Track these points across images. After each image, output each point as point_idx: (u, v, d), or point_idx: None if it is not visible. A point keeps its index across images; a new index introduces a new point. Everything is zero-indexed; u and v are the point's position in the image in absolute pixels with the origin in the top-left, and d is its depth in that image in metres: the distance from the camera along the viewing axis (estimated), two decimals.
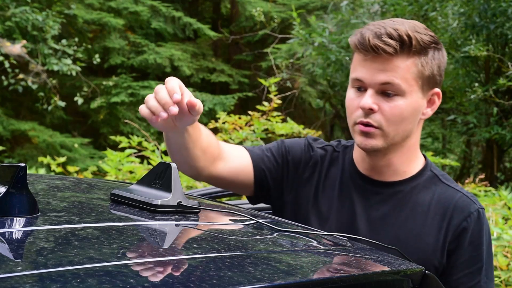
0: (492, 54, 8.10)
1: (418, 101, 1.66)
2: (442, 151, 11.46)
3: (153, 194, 1.26)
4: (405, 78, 1.61)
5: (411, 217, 1.70)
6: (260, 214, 1.55)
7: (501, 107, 8.47)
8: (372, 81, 1.62)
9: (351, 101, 1.67)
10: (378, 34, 1.59)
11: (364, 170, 1.75)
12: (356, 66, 1.66)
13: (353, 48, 1.66)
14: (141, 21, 12.62)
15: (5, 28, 9.50)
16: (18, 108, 11.56)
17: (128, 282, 0.81)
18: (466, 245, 1.67)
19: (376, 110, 1.62)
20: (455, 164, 6.30)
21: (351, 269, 1.17)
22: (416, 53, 1.61)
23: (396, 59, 1.60)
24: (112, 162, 4.67)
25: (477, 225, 1.68)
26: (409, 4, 8.52)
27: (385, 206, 1.72)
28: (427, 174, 1.75)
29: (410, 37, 1.60)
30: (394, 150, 1.69)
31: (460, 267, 1.67)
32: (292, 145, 1.81)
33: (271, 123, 5.30)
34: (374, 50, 1.59)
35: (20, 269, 0.82)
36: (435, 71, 1.66)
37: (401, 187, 1.73)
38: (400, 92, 1.62)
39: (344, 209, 1.74)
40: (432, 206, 1.70)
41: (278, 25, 12.10)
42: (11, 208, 1.03)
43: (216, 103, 11.59)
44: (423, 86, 1.65)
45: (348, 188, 1.75)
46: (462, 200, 1.70)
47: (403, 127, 1.65)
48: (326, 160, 1.80)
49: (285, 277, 0.98)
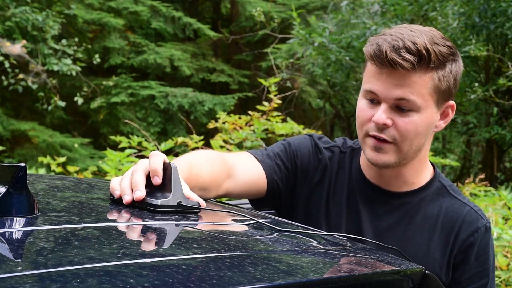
0: (492, 54, 8.10)
1: (432, 116, 1.61)
2: (442, 151, 11.45)
3: (153, 194, 1.26)
4: (421, 94, 1.56)
5: (418, 231, 1.67)
6: (260, 214, 1.55)
7: (501, 107, 8.47)
8: (387, 95, 1.56)
9: (363, 112, 1.62)
10: (396, 47, 1.52)
11: (372, 178, 1.72)
12: (370, 77, 1.59)
13: (368, 58, 1.59)
14: (141, 21, 12.63)
15: (5, 28, 9.50)
16: (18, 108, 11.56)
17: (128, 282, 0.81)
18: (472, 260, 1.65)
19: (390, 125, 1.57)
20: (455, 164, 6.30)
21: (351, 269, 1.16)
22: (434, 68, 1.55)
23: (414, 75, 1.54)
24: (112, 162, 4.67)
25: (483, 240, 1.66)
26: (409, 4, 8.51)
27: (392, 217, 1.69)
28: (436, 185, 1.72)
29: (429, 51, 1.53)
30: (403, 164, 1.65)
31: (466, 282, 1.66)
32: (299, 148, 1.76)
33: (271, 123, 5.30)
34: (392, 65, 1.52)
35: (20, 269, 0.82)
36: (451, 84, 1.61)
37: (409, 198, 1.70)
38: (415, 108, 1.56)
39: (351, 218, 1.70)
40: (439, 219, 1.67)
41: (278, 25, 12.11)
42: (11, 208, 1.03)
43: (216, 103, 11.59)
44: (438, 100, 1.59)
45: (355, 196, 1.72)
46: (470, 214, 1.67)
47: (416, 142, 1.61)
48: (335, 163, 1.76)
49: (285, 277, 0.98)
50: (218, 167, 1.58)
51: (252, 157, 1.71)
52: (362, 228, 1.68)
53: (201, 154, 1.63)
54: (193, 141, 5.09)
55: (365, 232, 1.67)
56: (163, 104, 11.58)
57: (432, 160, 5.05)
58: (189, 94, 11.72)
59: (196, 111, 11.57)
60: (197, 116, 11.52)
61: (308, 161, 1.75)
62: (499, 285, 3.36)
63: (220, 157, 1.64)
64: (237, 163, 1.66)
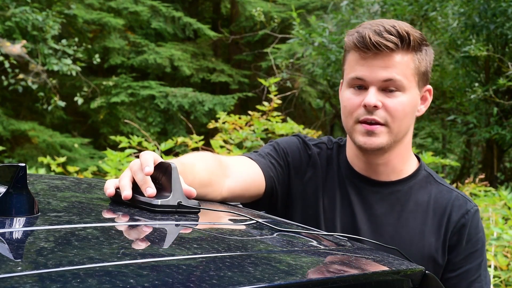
0: (492, 54, 8.10)
1: (416, 97, 1.68)
2: (442, 151, 11.46)
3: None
4: (405, 74, 1.63)
5: (411, 217, 1.71)
6: (260, 214, 1.55)
7: (501, 107, 8.47)
8: (374, 78, 1.62)
9: (351, 100, 1.66)
10: (378, 31, 1.61)
11: (361, 170, 1.75)
12: (354, 65, 1.65)
13: (350, 47, 1.66)
14: (141, 21, 12.63)
15: (5, 28, 9.50)
16: (18, 108, 11.56)
17: (128, 282, 0.81)
18: (465, 241, 1.70)
19: (380, 106, 1.62)
20: (455, 164, 6.30)
21: (351, 269, 1.16)
22: (413, 50, 1.64)
23: (396, 55, 1.62)
24: (112, 162, 4.67)
25: (474, 221, 1.72)
26: (409, 4, 8.51)
27: (384, 205, 1.72)
28: (422, 174, 1.77)
29: (409, 33, 1.62)
30: (393, 148, 1.70)
31: (461, 263, 1.70)
32: (288, 146, 1.79)
33: (271, 123, 5.30)
34: (376, 47, 1.59)
35: (20, 269, 0.82)
36: (428, 68, 1.70)
37: (399, 186, 1.74)
38: (401, 88, 1.63)
39: (345, 210, 1.73)
40: (430, 205, 1.72)
41: (278, 25, 12.11)
42: (11, 208, 1.03)
43: (216, 103, 11.59)
44: (419, 82, 1.67)
45: (346, 189, 1.75)
46: (458, 199, 1.73)
47: (405, 122, 1.67)
48: (323, 158, 1.80)
49: (285, 277, 0.98)
50: (212, 164, 1.59)
51: (246, 158, 1.74)
52: (357, 218, 1.71)
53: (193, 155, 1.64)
54: (193, 141, 5.09)
55: (360, 223, 1.71)
56: (163, 104, 11.59)
57: (432, 160, 5.03)
58: (189, 94, 11.73)
59: (196, 111, 11.58)
60: (197, 116, 11.52)
61: (299, 158, 1.78)
62: (499, 285, 3.37)
63: (214, 156, 1.66)
64: (232, 163, 1.67)
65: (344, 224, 1.71)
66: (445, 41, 8.87)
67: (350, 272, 1.13)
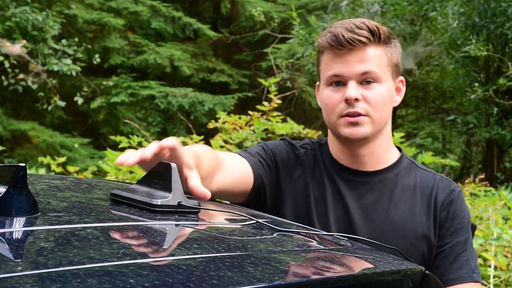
0: (492, 54, 8.10)
1: (391, 88, 1.77)
2: (442, 151, 11.46)
3: (153, 194, 1.26)
4: (380, 66, 1.72)
5: (401, 201, 1.79)
6: (260, 214, 1.55)
7: (501, 107, 8.48)
8: (352, 73, 1.70)
9: (331, 98, 1.74)
10: (350, 28, 1.70)
11: (347, 164, 1.82)
12: (331, 64, 1.73)
13: (324, 48, 1.74)
14: (141, 21, 12.63)
15: (5, 28, 9.50)
16: (18, 108, 11.56)
17: (128, 282, 0.81)
18: (452, 218, 1.79)
19: (361, 99, 1.70)
20: (455, 164, 6.30)
21: (351, 269, 1.16)
22: (384, 43, 1.73)
23: (369, 49, 1.71)
24: (112, 162, 4.67)
25: (459, 199, 1.81)
26: (409, 4, 8.52)
27: (374, 193, 1.79)
28: (405, 161, 1.86)
29: (378, 28, 1.72)
30: (376, 137, 1.78)
31: (449, 238, 1.78)
32: (276, 147, 1.86)
33: (271, 123, 5.29)
34: (350, 43, 1.68)
35: (20, 269, 0.82)
36: (399, 60, 1.80)
37: (386, 174, 1.81)
38: (378, 80, 1.72)
39: (336, 203, 1.79)
40: (417, 188, 1.81)
41: (278, 25, 12.11)
42: (11, 208, 1.03)
43: (216, 103, 11.59)
44: (392, 73, 1.77)
45: (335, 183, 1.81)
46: (442, 181, 1.83)
47: (385, 112, 1.75)
48: (310, 158, 1.86)
49: (285, 277, 0.98)
50: (213, 159, 1.63)
51: (237, 154, 1.80)
52: (349, 209, 1.77)
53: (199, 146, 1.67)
54: (193, 141, 5.09)
55: (353, 213, 1.77)
56: (163, 104, 11.58)
57: (432, 160, 5.03)
58: (189, 94, 11.73)
59: (196, 111, 11.58)
60: (197, 116, 11.52)
61: (287, 157, 1.85)
62: (499, 285, 3.37)
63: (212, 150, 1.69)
64: (226, 158, 1.72)
65: (337, 216, 1.77)
66: (445, 41, 8.87)
67: (350, 272, 1.13)
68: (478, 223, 3.98)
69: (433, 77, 10.54)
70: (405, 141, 7.12)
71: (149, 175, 1.32)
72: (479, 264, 3.51)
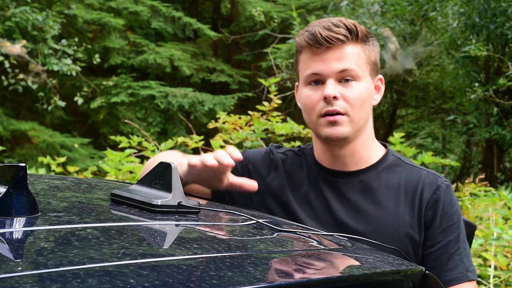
0: (492, 54, 8.10)
1: (371, 86, 1.77)
2: (442, 151, 11.46)
3: (153, 194, 1.26)
4: (358, 64, 1.72)
5: (384, 199, 1.77)
6: (260, 214, 1.55)
7: (501, 107, 8.47)
8: (330, 71, 1.70)
9: (309, 97, 1.74)
10: (327, 27, 1.70)
11: (329, 165, 1.82)
12: (309, 63, 1.73)
13: (302, 47, 1.75)
14: (141, 21, 12.63)
15: (5, 28, 9.50)
16: (18, 108, 11.56)
17: (128, 282, 0.81)
18: (440, 216, 1.75)
19: (339, 97, 1.70)
20: (455, 164, 6.30)
21: (351, 269, 1.16)
22: (362, 41, 1.73)
23: (347, 47, 1.71)
24: (112, 162, 4.67)
25: (447, 196, 1.77)
26: (409, 4, 8.52)
27: (357, 193, 1.78)
28: (390, 159, 1.84)
29: (355, 26, 1.72)
30: (357, 137, 1.77)
31: (439, 237, 1.75)
32: (253, 155, 1.90)
33: (271, 123, 5.29)
34: (328, 41, 1.69)
35: (20, 269, 0.82)
36: (377, 58, 1.79)
37: (368, 173, 1.80)
38: (356, 78, 1.72)
39: (319, 206, 1.79)
40: (401, 186, 1.78)
41: (278, 25, 12.10)
42: (11, 208, 1.03)
43: (216, 103, 11.58)
44: (371, 71, 1.76)
45: (318, 185, 1.82)
46: (428, 176, 1.79)
47: (364, 110, 1.74)
48: (289, 163, 1.87)
49: (285, 277, 0.98)
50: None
51: None
52: (333, 210, 1.77)
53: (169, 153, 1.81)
54: (193, 141, 5.09)
55: (336, 214, 1.76)
56: (163, 104, 11.58)
57: (432, 160, 5.02)
58: (189, 94, 11.72)
59: (196, 111, 11.57)
60: (197, 116, 11.52)
61: (260, 163, 1.88)
62: (499, 285, 3.37)
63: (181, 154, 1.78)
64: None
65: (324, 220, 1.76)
66: (445, 41, 8.87)
67: (350, 272, 1.13)
68: (478, 223, 3.97)
69: (433, 77, 10.54)
70: (405, 141, 7.12)
71: (149, 175, 1.32)
72: (479, 264, 3.51)
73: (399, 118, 12.69)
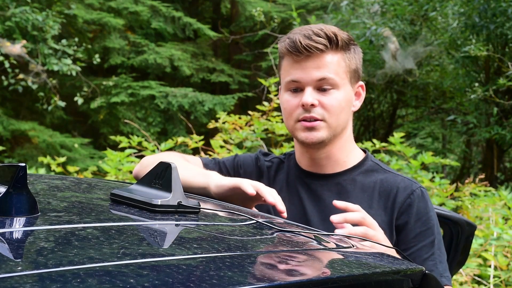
0: (492, 54, 8.10)
1: (350, 93, 1.80)
2: (442, 151, 11.46)
3: (153, 194, 1.26)
4: (337, 72, 1.75)
5: (358, 202, 1.77)
6: (260, 214, 1.55)
7: (501, 107, 8.48)
8: (309, 79, 1.74)
9: (289, 102, 1.79)
10: (307, 35, 1.73)
11: (306, 167, 1.87)
12: (289, 69, 1.77)
13: (284, 53, 1.78)
14: (141, 21, 12.62)
15: (5, 28, 9.50)
16: (18, 108, 11.56)
17: (128, 282, 0.81)
18: (414, 220, 1.76)
19: (317, 105, 1.74)
20: (455, 164, 6.29)
21: (351, 269, 1.16)
22: (342, 49, 1.76)
23: (327, 56, 1.74)
24: (112, 162, 4.68)
25: (421, 201, 1.78)
26: (409, 4, 8.52)
27: (331, 195, 1.81)
28: (368, 164, 1.87)
29: (336, 34, 1.74)
30: (333, 141, 1.80)
31: (412, 242, 1.76)
32: (244, 159, 1.96)
33: (271, 123, 5.29)
34: (307, 49, 1.71)
35: (20, 269, 0.82)
36: (358, 65, 1.82)
37: (344, 176, 1.84)
38: (335, 86, 1.75)
39: (294, 207, 1.83)
40: (376, 190, 1.81)
41: (278, 25, 12.09)
42: (11, 208, 1.03)
43: (216, 103, 11.58)
44: (351, 79, 1.79)
45: (295, 187, 1.87)
46: (404, 181, 1.82)
47: (342, 117, 1.78)
48: (272, 169, 1.94)
49: (285, 277, 0.98)
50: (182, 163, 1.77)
51: (200, 161, 1.92)
52: (307, 211, 1.82)
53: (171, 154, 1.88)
54: (193, 141, 5.09)
55: (310, 215, 1.81)
56: (163, 104, 11.58)
57: (432, 160, 5.02)
58: (189, 94, 11.72)
59: (196, 111, 11.57)
60: (197, 116, 11.52)
61: (250, 170, 1.95)
62: (499, 285, 3.37)
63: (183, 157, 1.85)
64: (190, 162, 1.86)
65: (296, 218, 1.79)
66: (445, 41, 8.87)
67: (350, 272, 1.13)
68: (478, 223, 3.97)
69: (433, 77, 10.54)
70: (405, 141, 7.12)
71: (149, 175, 1.32)
72: (479, 264, 3.51)
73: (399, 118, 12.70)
